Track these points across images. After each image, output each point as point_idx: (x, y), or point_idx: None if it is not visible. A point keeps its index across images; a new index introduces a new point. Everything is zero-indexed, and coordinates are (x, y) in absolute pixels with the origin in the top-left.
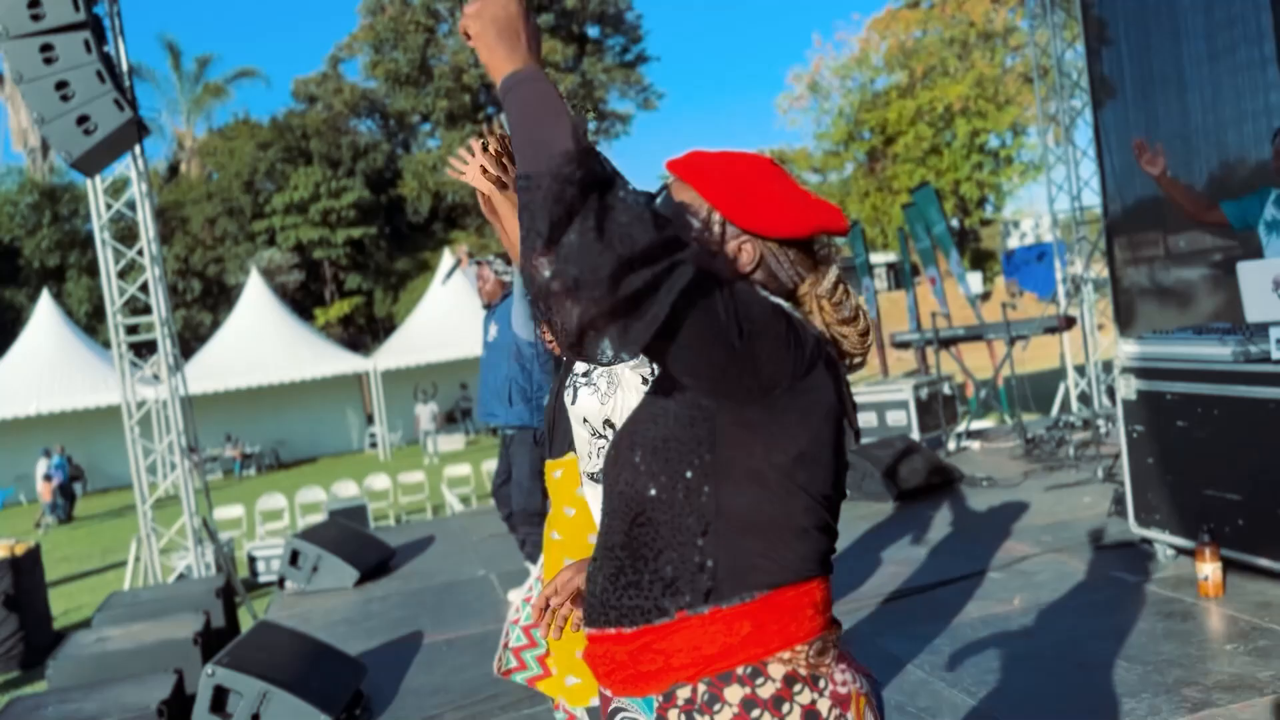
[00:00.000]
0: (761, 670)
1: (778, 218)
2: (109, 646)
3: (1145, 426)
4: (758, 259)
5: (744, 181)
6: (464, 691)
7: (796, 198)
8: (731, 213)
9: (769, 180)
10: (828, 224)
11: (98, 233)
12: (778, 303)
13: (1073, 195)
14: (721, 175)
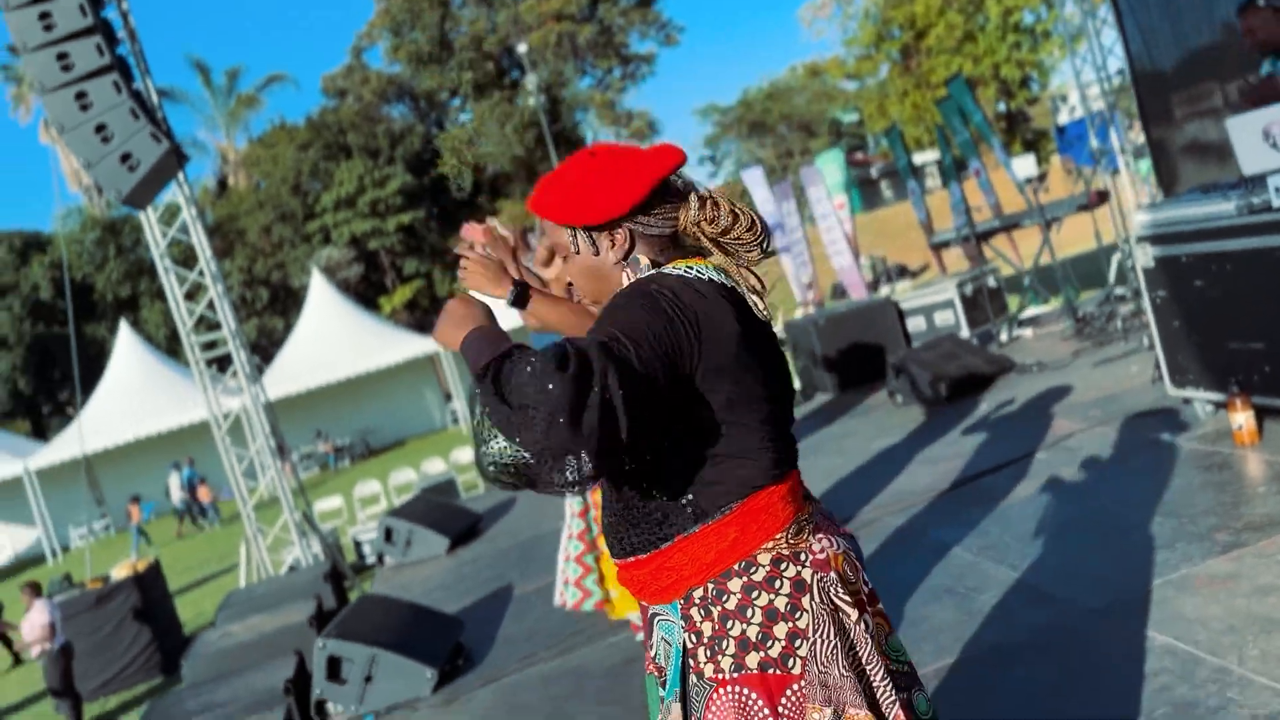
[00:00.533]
0: (753, 561)
1: (616, 198)
2: (233, 640)
3: (1166, 291)
4: (629, 238)
5: (577, 188)
6: (553, 633)
7: (625, 169)
8: (584, 220)
9: (596, 171)
10: (661, 168)
11: (158, 260)
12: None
13: (1097, 67)
14: (560, 196)
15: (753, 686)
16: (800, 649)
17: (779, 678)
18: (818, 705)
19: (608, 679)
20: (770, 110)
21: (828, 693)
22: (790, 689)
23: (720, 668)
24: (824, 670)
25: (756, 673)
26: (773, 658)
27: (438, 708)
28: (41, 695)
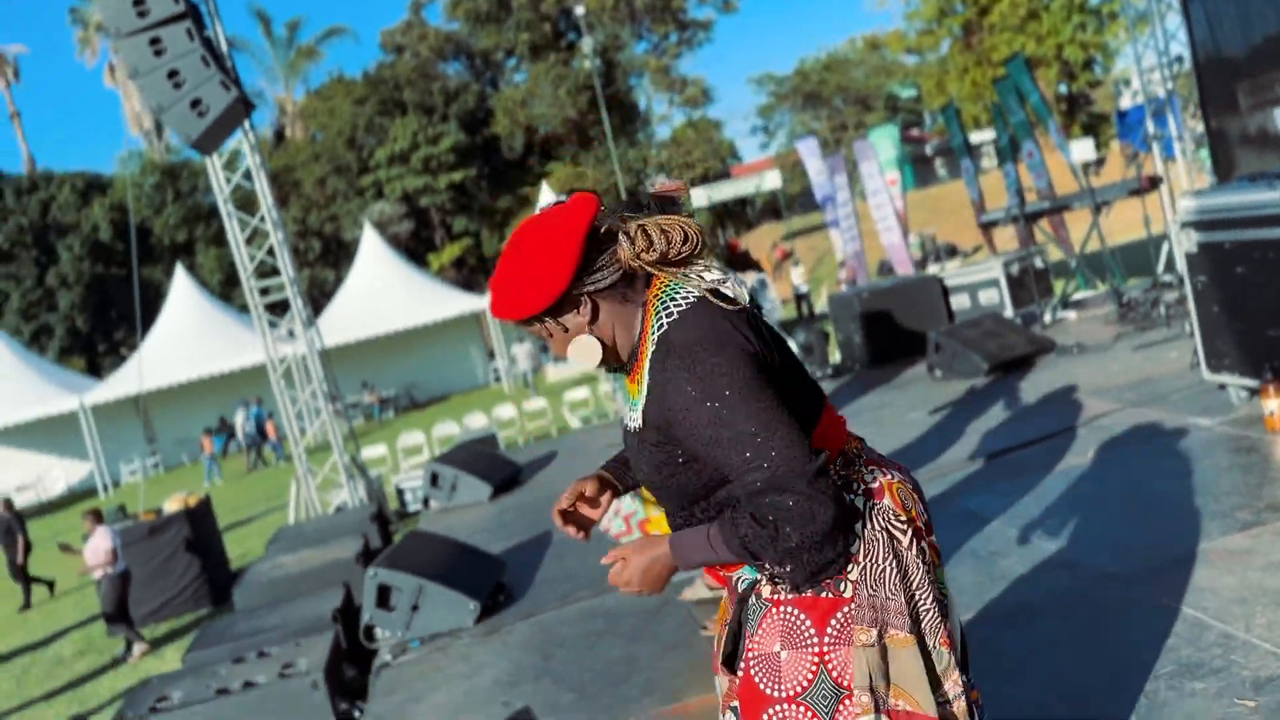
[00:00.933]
0: None
1: (552, 277)
2: (283, 572)
3: (1208, 277)
4: (590, 305)
5: (517, 283)
6: (590, 576)
7: (548, 245)
8: (538, 308)
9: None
10: (579, 226)
11: (221, 205)
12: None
13: (1159, 51)
14: (509, 298)
15: (803, 608)
16: (851, 573)
17: (830, 600)
18: (864, 626)
19: (640, 618)
20: (827, 82)
21: (874, 614)
22: (840, 611)
23: (776, 589)
24: (873, 593)
25: (808, 595)
26: (826, 581)
27: (479, 638)
28: (77, 626)
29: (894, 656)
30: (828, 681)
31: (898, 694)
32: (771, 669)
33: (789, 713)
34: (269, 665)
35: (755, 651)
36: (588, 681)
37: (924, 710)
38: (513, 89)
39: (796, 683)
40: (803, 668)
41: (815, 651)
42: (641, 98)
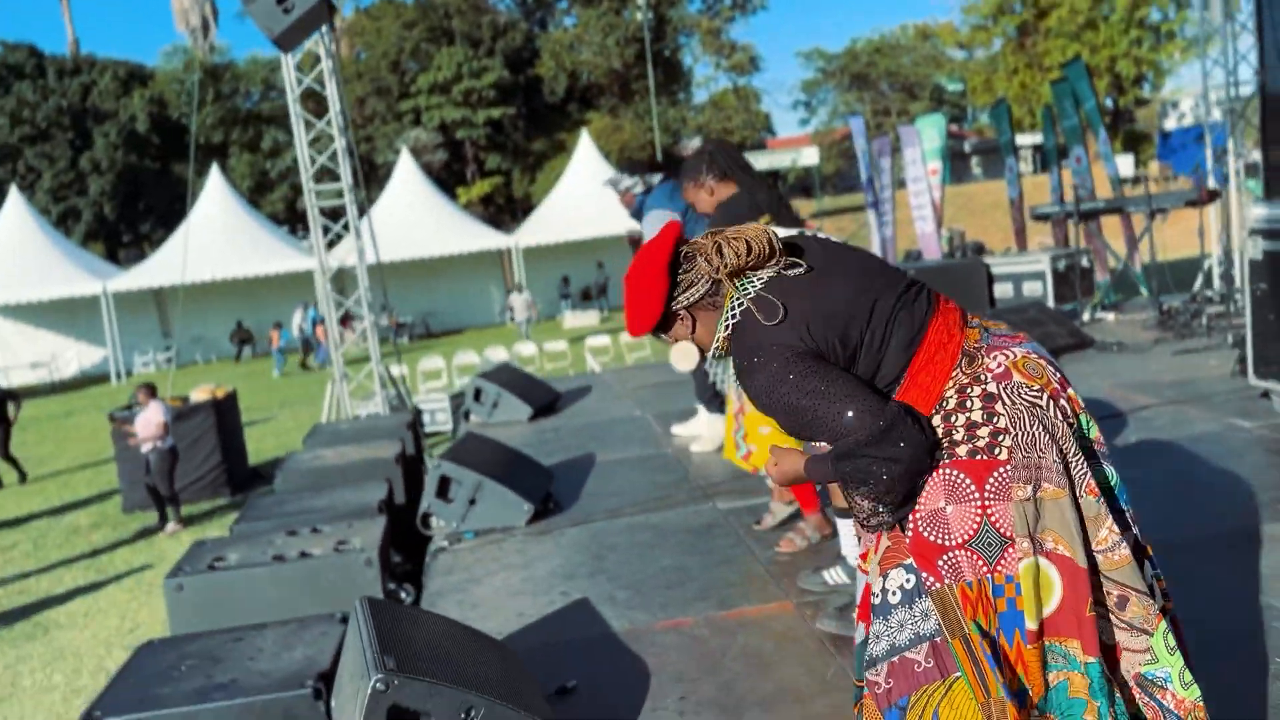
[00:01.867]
0: (940, 404)
1: (649, 304)
2: (324, 463)
3: (1270, 284)
4: (690, 317)
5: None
6: (637, 494)
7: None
8: (651, 327)
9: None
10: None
11: (292, 106)
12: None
13: (1228, 71)
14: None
15: (962, 469)
16: (1004, 441)
17: (986, 462)
18: (1020, 484)
19: (690, 535)
20: (876, 65)
21: (1030, 473)
22: (997, 472)
23: (935, 458)
24: (1027, 455)
25: (965, 459)
26: (980, 447)
27: (532, 537)
28: (93, 500)
29: (1048, 510)
30: (991, 531)
31: (1056, 540)
32: (939, 522)
33: (960, 557)
34: (323, 540)
35: (921, 510)
36: (642, 582)
37: (1077, 559)
38: (561, 32)
39: (963, 532)
40: (968, 519)
41: (978, 505)
42: (688, 57)
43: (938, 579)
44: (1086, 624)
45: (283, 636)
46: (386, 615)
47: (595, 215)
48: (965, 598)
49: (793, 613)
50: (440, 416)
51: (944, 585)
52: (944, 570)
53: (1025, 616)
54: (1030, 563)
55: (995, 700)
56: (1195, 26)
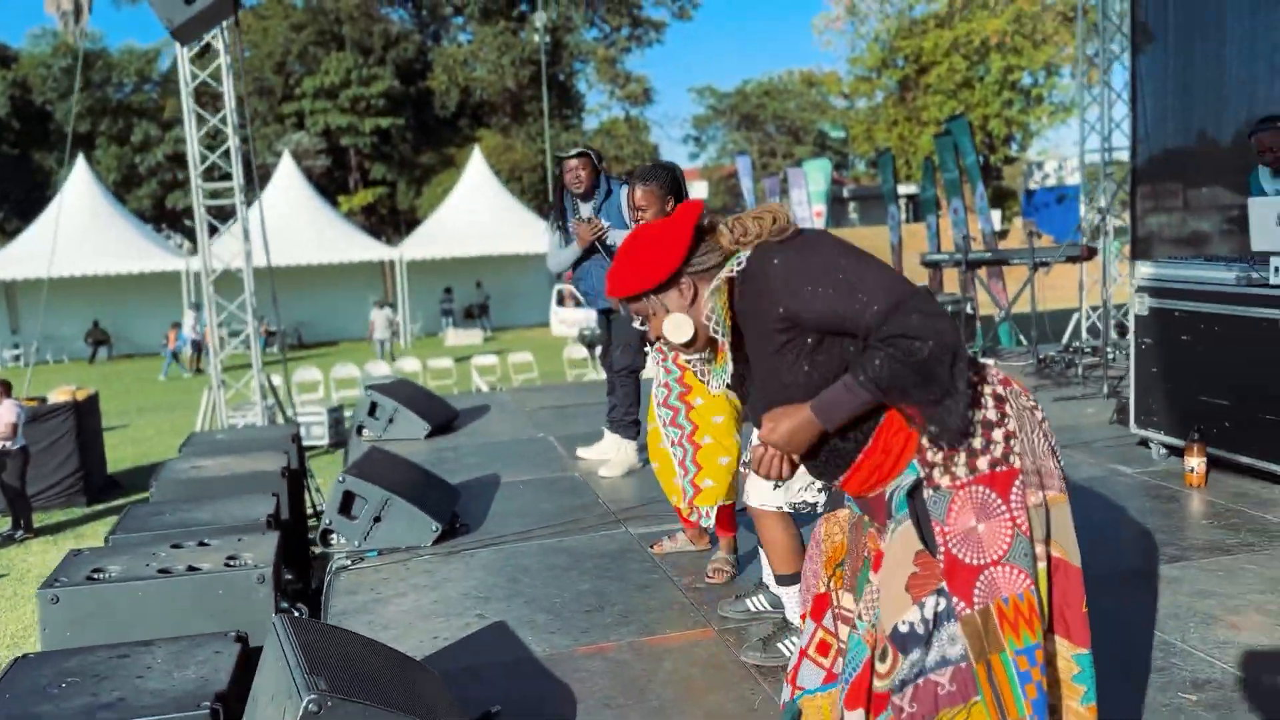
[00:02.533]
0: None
1: (671, 253)
2: (205, 474)
3: (1153, 339)
4: (693, 288)
5: (634, 263)
6: (546, 516)
7: (662, 235)
8: (650, 283)
9: (642, 245)
10: (688, 222)
11: (185, 100)
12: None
13: (1103, 136)
14: (626, 276)
15: (988, 484)
16: (1015, 446)
17: (1006, 473)
18: (1034, 490)
19: (605, 559)
20: (765, 107)
21: (1040, 479)
22: (1016, 481)
23: (956, 476)
24: (1033, 460)
25: (988, 473)
26: (998, 457)
27: (440, 558)
28: None
29: (1054, 514)
30: (1023, 540)
31: (1055, 546)
32: (972, 542)
33: (999, 574)
34: (211, 554)
35: (952, 532)
36: (560, 606)
37: (1073, 561)
38: (456, 47)
39: (998, 548)
40: (1001, 534)
41: (1008, 518)
42: (583, 83)
43: (969, 604)
44: (1078, 620)
45: (173, 654)
46: (310, 633)
47: (484, 232)
48: (1003, 616)
49: (715, 639)
50: (316, 430)
51: (974, 610)
52: (979, 592)
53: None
54: (1045, 566)
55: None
56: (1063, 93)
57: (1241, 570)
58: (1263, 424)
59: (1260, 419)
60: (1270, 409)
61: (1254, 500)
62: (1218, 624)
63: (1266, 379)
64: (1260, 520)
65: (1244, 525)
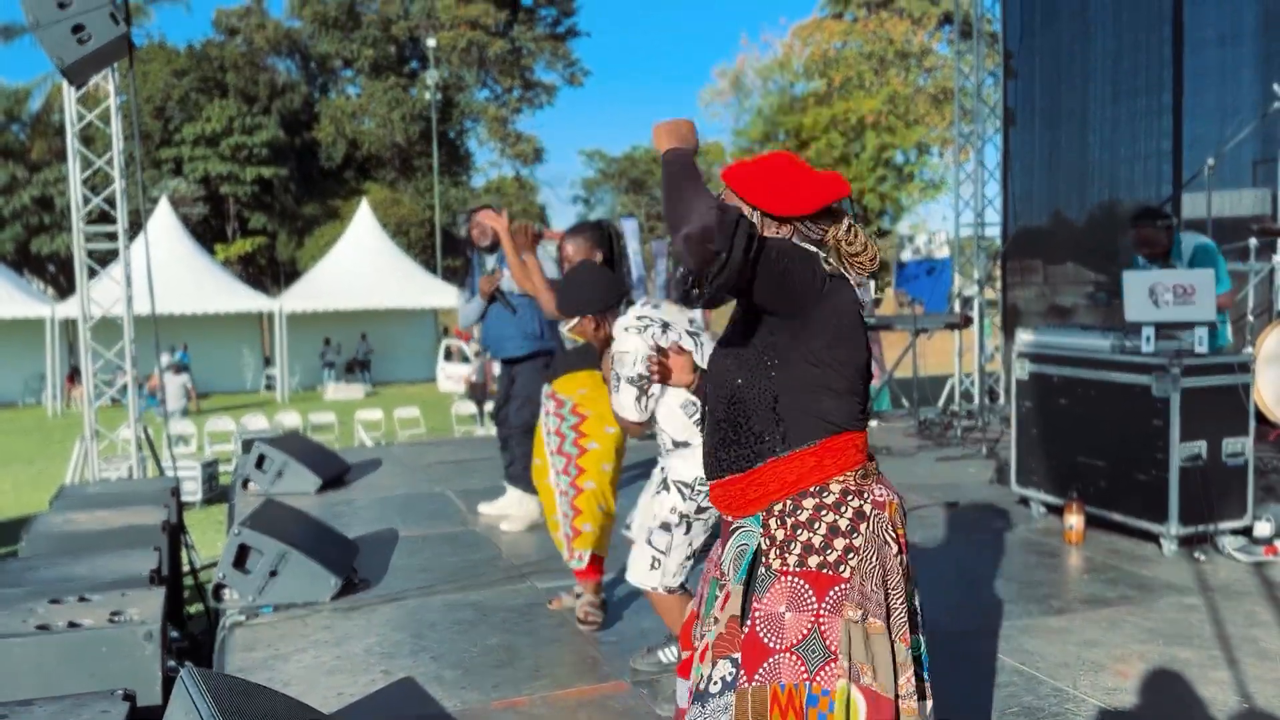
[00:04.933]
0: (826, 487)
1: (796, 202)
2: (79, 528)
3: (1032, 402)
4: (792, 234)
5: (770, 180)
6: (449, 571)
7: (808, 183)
8: (768, 205)
9: (789, 175)
10: (832, 195)
11: (70, 141)
12: (805, 248)
13: (977, 213)
14: (756, 179)
15: (807, 580)
16: (851, 560)
17: (829, 577)
18: (853, 604)
19: (513, 614)
20: (653, 173)
21: (862, 599)
22: (836, 588)
23: (786, 563)
24: (863, 582)
25: (813, 571)
26: (829, 562)
27: (339, 613)
28: None
29: (871, 640)
30: (819, 641)
31: (865, 669)
32: (775, 626)
33: (785, 661)
34: (93, 610)
35: (761, 611)
36: (469, 661)
37: (884, 692)
38: (343, 99)
39: (794, 636)
40: (801, 626)
41: (813, 613)
42: (473, 141)
43: (749, 679)
44: None
45: (55, 715)
46: (221, 688)
47: (368, 285)
48: (775, 700)
49: (629, 691)
50: (189, 486)
51: (752, 686)
52: (763, 672)
53: None
54: (845, 684)
55: None
56: (933, 171)
57: (1123, 621)
58: (1135, 484)
59: (1133, 479)
60: (1142, 470)
61: (1128, 556)
62: (1105, 671)
63: (1138, 442)
64: (1136, 575)
65: (1121, 579)
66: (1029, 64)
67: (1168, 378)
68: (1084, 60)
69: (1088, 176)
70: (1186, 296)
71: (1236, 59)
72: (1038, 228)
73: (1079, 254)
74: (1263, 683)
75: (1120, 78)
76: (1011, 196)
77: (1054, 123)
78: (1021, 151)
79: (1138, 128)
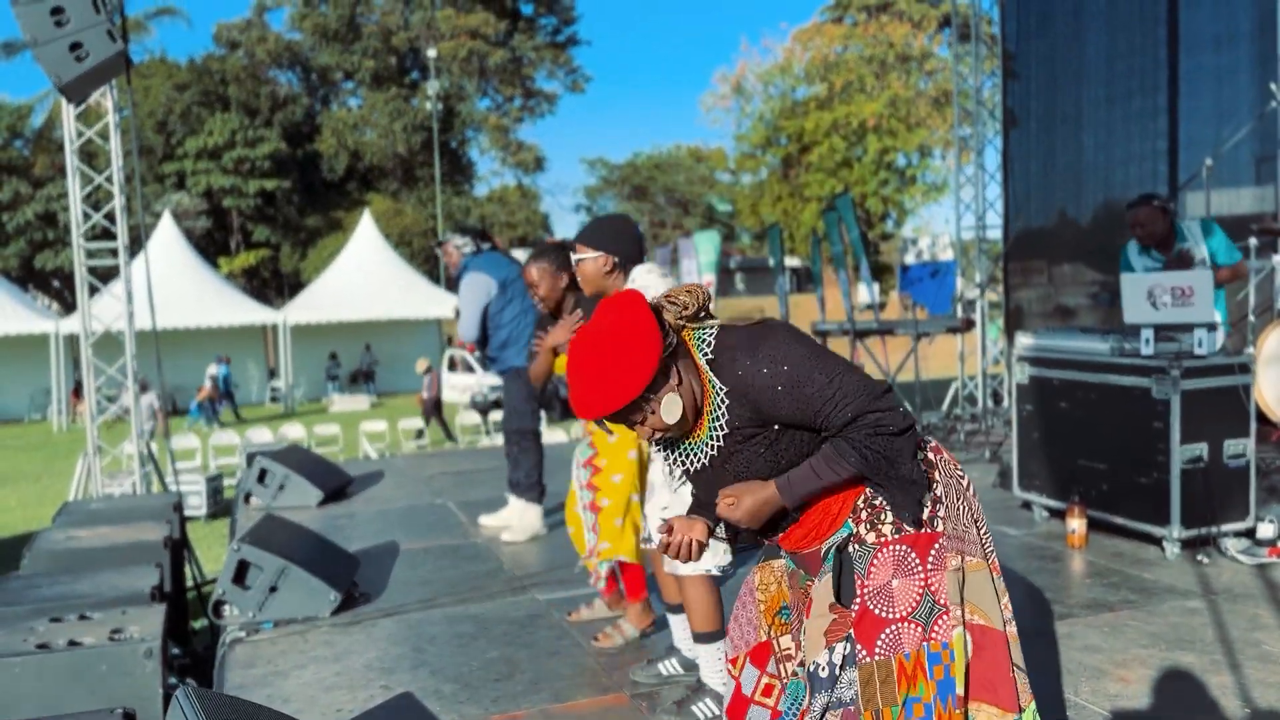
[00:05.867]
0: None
1: (651, 348)
2: (81, 544)
3: (1033, 406)
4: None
5: (621, 365)
6: (450, 583)
7: (634, 324)
8: (649, 381)
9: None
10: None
11: (69, 158)
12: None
13: (978, 215)
14: (607, 395)
15: (908, 543)
16: (939, 511)
17: (927, 535)
18: (953, 554)
19: (513, 626)
20: (655, 179)
21: (959, 544)
22: (936, 544)
23: (881, 533)
24: (955, 527)
25: (911, 533)
26: (922, 519)
27: (340, 628)
28: None
29: (970, 580)
30: (930, 600)
31: (973, 610)
32: (885, 597)
33: (902, 630)
34: (94, 628)
35: (870, 587)
36: (468, 675)
37: (994, 625)
38: (345, 111)
39: (907, 605)
40: (911, 592)
41: (922, 578)
42: (475, 151)
43: (871, 654)
44: (1006, 684)
45: None
46: (217, 707)
47: (371, 296)
48: (902, 670)
49: (628, 705)
50: (194, 500)
51: (874, 660)
52: (882, 644)
53: (956, 683)
54: (960, 631)
55: None
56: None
57: (1125, 626)
58: (1136, 487)
59: (1134, 482)
60: (1143, 473)
61: (1131, 559)
62: (1107, 678)
63: (1139, 444)
64: (1138, 579)
65: (1123, 584)
66: (1026, 66)
67: (1168, 380)
68: (1079, 62)
69: (1084, 178)
70: (1185, 298)
71: (1233, 61)
72: (1038, 229)
73: (1080, 255)
74: (1266, 687)
75: (1115, 79)
76: (1012, 198)
77: (1050, 125)
78: (1019, 153)
79: (1133, 129)
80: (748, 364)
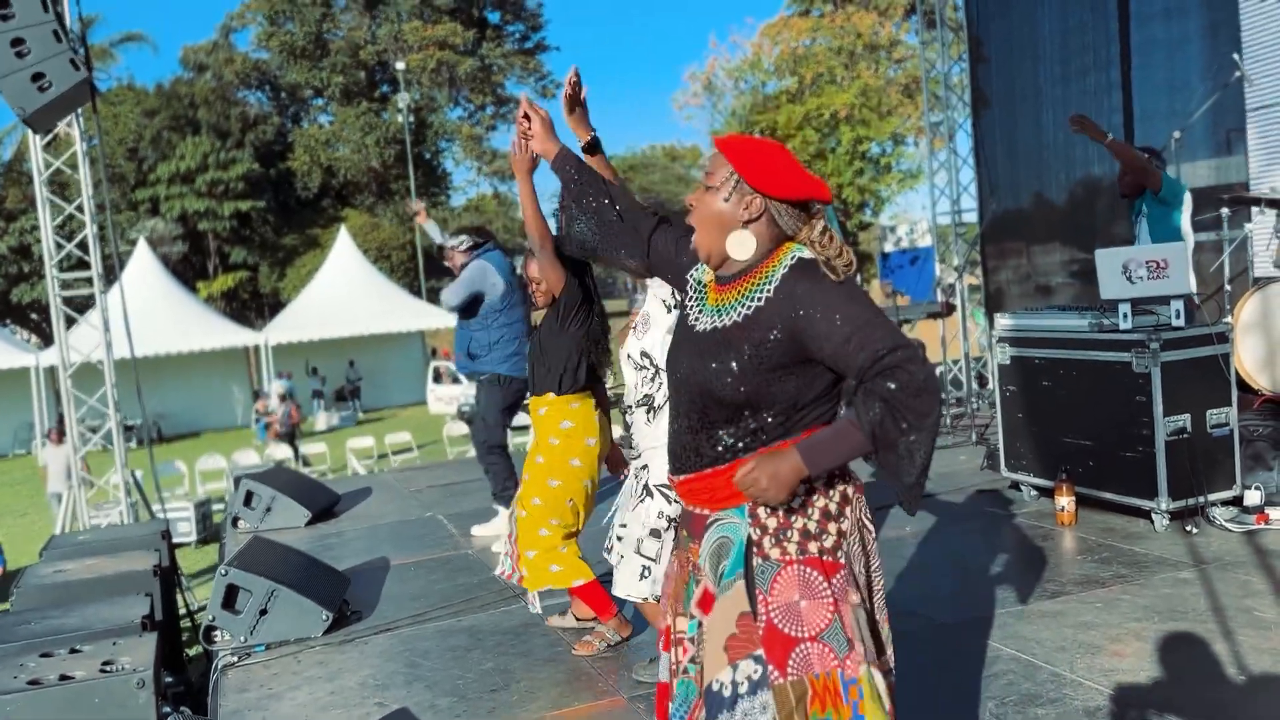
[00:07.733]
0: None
1: (779, 184)
2: (70, 577)
3: (1016, 386)
4: (762, 210)
5: (759, 156)
6: (442, 596)
7: (795, 172)
8: (747, 176)
9: (779, 159)
10: (815, 194)
11: (39, 188)
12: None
13: (953, 200)
14: (748, 152)
15: (814, 567)
16: (844, 545)
17: (831, 564)
18: (853, 589)
19: (507, 636)
20: (631, 180)
21: (855, 580)
22: (839, 573)
23: (786, 551)
24: (853, 564)
25: (816, 557)
26: (828, 548)
27: (333, 648)
28: None
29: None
30: (840, 628)
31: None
32: (793, 615)
33: (811, 650)
34: (85, 661)
35: (775, 603)
36: (464, 687)
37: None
38: (317, 128)
39: (817, 625)
40: (821, 613)
41: (830, 601)
42: (449, 161)
43: (783, 674)
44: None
45: None
46: None
47: (352, 312)
48: (814, 691)
49: (626, 707)
50: (183, 527)
51: (787, 681)
52: (794, 664)
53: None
54: (866, 669)
55: None
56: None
57: (1117, 601)
58: (1123, 461)
59: (1120, 457)
60: (1128, 447)
61: (1121, 534)
62: (1102, 653)
63: (1122, 419)
64: (1129, 553)
65: (1114, 558)
66: (989, 49)
67: (1147, 353)
68: (1035, 41)
69: (1047, 157)
70: (1160, 271)
71: (1183, 31)
72: (1013, 210)
73: (1054, 233)
74: (1259, 652)
75: (1070, 56)
76: (984, 181)
77: (1012, 106)
78: (988, 135)
79: (1089, 105)
80: (815, 280)
